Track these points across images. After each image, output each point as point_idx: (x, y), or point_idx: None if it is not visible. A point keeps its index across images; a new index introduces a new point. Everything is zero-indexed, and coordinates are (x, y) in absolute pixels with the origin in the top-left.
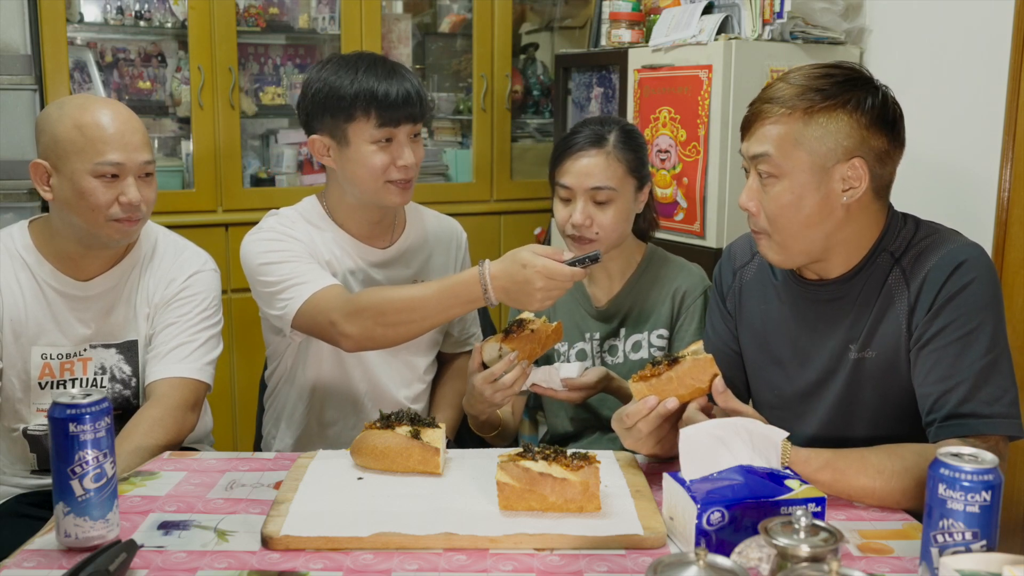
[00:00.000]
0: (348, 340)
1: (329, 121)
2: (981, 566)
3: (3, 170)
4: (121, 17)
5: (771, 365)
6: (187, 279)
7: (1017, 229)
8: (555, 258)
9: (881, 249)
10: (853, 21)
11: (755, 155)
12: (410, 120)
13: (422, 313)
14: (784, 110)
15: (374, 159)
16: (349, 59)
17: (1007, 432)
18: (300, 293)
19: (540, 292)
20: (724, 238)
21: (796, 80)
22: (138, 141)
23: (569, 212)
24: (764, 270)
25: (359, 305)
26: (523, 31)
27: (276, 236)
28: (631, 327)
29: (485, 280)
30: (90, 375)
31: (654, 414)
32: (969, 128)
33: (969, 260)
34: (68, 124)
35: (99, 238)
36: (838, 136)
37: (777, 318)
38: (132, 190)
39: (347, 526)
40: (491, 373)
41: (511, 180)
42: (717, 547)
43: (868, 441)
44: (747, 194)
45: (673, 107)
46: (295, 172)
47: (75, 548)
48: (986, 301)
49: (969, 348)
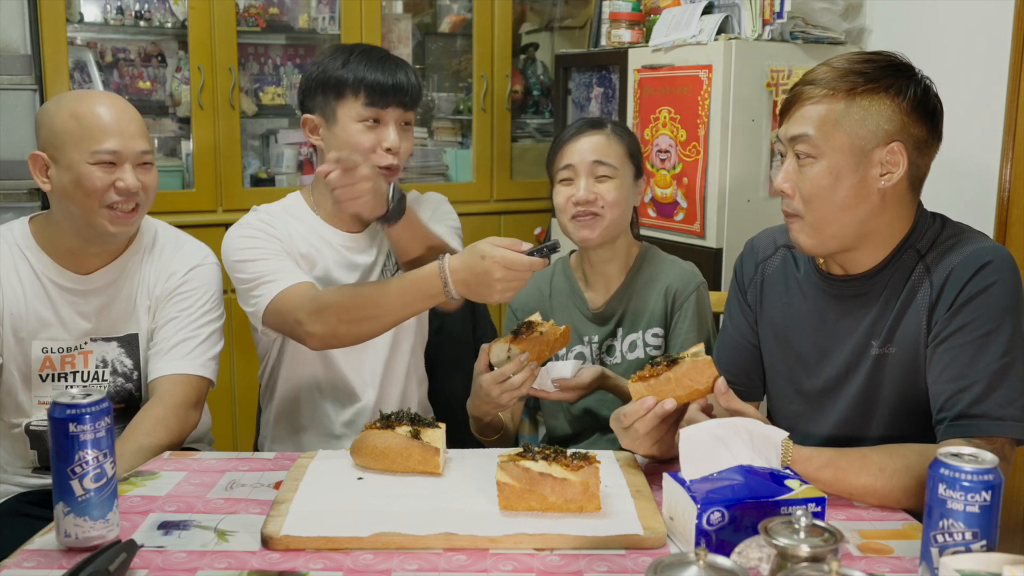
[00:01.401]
0: (313, 339)
1: (320, 100)
2: (981, 566)
3: (3, 170)
4: (121, 17)
5: (791, 360)
6: (187, 272)
7: (1017, 228)
8: (514, 248)
9: (908, 246)
10: (853, 21)
11: (794, 136)
12: (399, 105)
13: (385, 309)
14: (826, 91)
15: (359, 139)
16: (346, 46)
17: (1018, 435)
18: (269, 291)
19: (499, 283)
20: (724, 238)
21: (839, 64)
22: (134, 130)
23: (571, 192)
24: (787, 264)
25: (323, 303)
26: (523, 31)
27: (252, 233)
28: (627, 327)
29: (445, 274)
30: (91, 368)
31: (651, 414)
32: (969, 128)
33: (994, 261)
34: (65, 115)
35: (96, 228)
36: (879, 119)
37: (799, 313)
38: (129, 176)
39: (347, 526)
40: (501, 373)
41: (511, 180)
42: (717, 547)
43: (885, 440)
44: (783, 175)
45: (673, 107)
46: (295, 172)
47: (75, 548)
48: (1008, 303)
49: (986, 349)
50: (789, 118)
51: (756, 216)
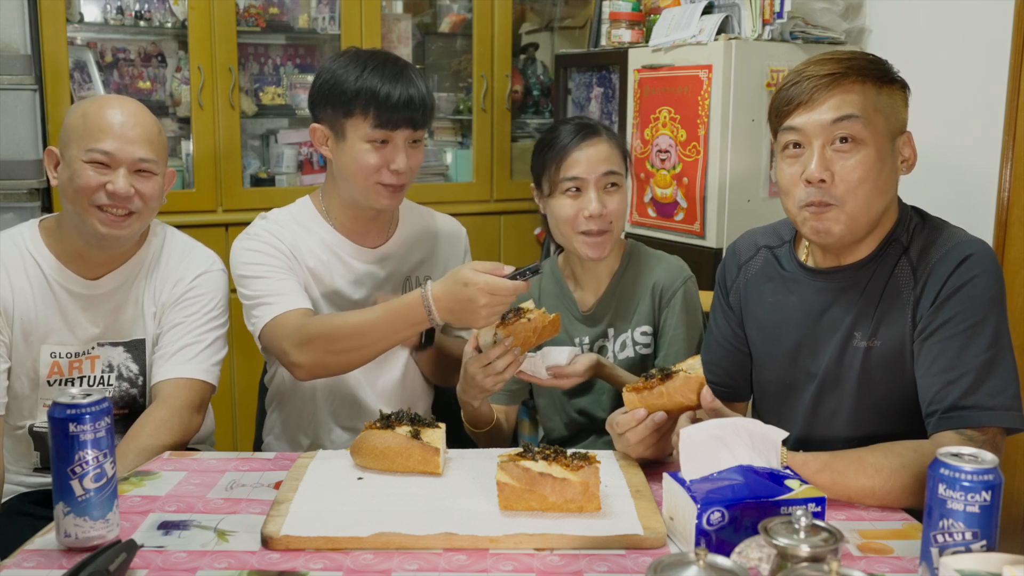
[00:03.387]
0: (300, 370)
1: (330, 112)
2: (981, 566)
3: (3, 170)
4: (121, 17)
5: (782, 357)
6: (194, 279)
7: (1017, 228)
8: (496, 273)
9: (894, 239)
10: (853, 21)
11: (841, 117)
12: (409, 125)
13: (371, 338)
14: (858, 78)
15: (367, 158)
16: (362, 55)
17: (1009, 424)
18: (265, 314)
19: (484, 309)
20: (724, 238)
21: (843, 57)
22: (136, 136)
23: (580, 206)
24: (769, 264)
25: (309, 334)
26: (523, 31)
27: (259, 247)
28: (617, 327)
29: (428, 302)
30: (97, 373)
31: (642, 426)
32: (969, 128)
33: (975, 255)
34: (78, 113)
35: (88, 228)
36: (899, 108)
37: (786, 309)
38: (121, 180)
39: (347, 526)
40: (484, 357)
41: (511, 180)
42: (717, 547)
43: (878, 437)
44: (819, 164)
45: (673, 107)
46: (295, 172)
47: (75, 548)
48: (991, 295)
49: (973, 341)
50: (820, 104)
51: (756, 216)
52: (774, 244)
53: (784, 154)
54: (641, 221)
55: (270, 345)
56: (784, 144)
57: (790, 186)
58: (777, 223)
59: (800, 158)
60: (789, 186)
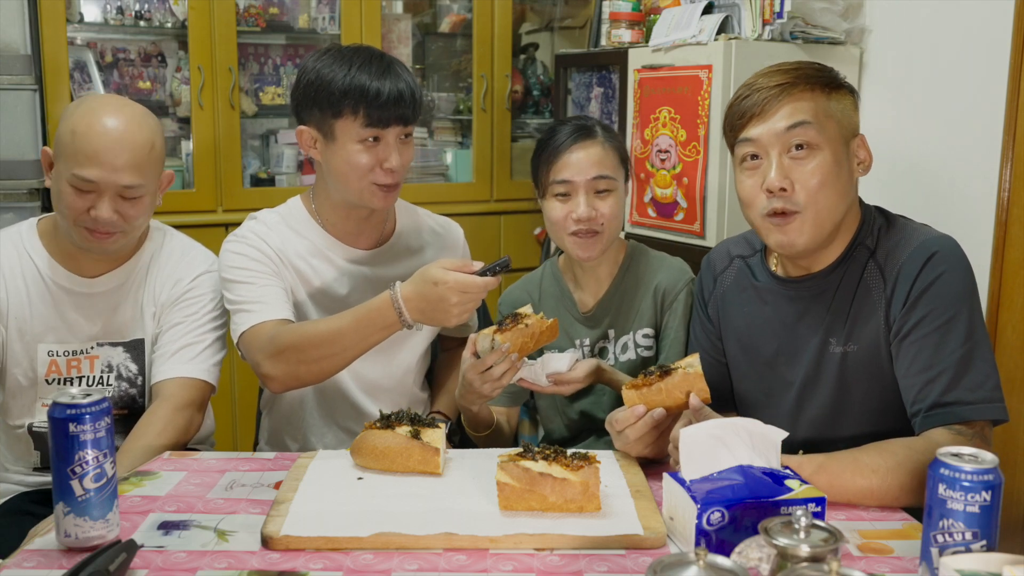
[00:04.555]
0: (273, 382)
1: (317, 114)
2: (981, 566)
3: (3, 170)
4: (121, 17)
5: (760, 366)
6: (194, 279)
7: (1017, 229)
8: (465, 270)
9: (859, 242)
10: (853, 21)
11: (794, 124)
12: (400, 121)
13: (342, 345)
14: (807, 86)
15: (359, 158)
16: (345, 52)
17: (993, 416)
18: (243, 322)
19: (456, 307)
20: (724, 238)
21: (790, 68)
22: (123, 163)
23: (569, 208)
24: (743, 274)
25: (279, 346)
26: (523, 31)
27: (245, 250)
28: (618, 329)
29: (398, 304)
30: (96, 373)
31: (641, 422)
32: (969, 128)
33: (941, 251)
34: (69, 125)
35: (75, 238)
36: (850, 113)
37: (761, 319)
38: (104, 208)
39: (347, 526)
40: (481, 363)
41: (511, 180)
42: (717, 547)
43: (860, 440)
44: (778, 172)
45: (673, 107)
46: (295, 172)
47: (75, 548)
48: (960, 290)
49: (948, 337)
50: (773, 114)
51: None
52: (746, 254)
53: (742, 166)
54: (641, 221)
55: (246, 355)
56: (742, 156)
57: (751, 197)
58: (748, 232)
59: (758, 169)
60: (750, 197)
